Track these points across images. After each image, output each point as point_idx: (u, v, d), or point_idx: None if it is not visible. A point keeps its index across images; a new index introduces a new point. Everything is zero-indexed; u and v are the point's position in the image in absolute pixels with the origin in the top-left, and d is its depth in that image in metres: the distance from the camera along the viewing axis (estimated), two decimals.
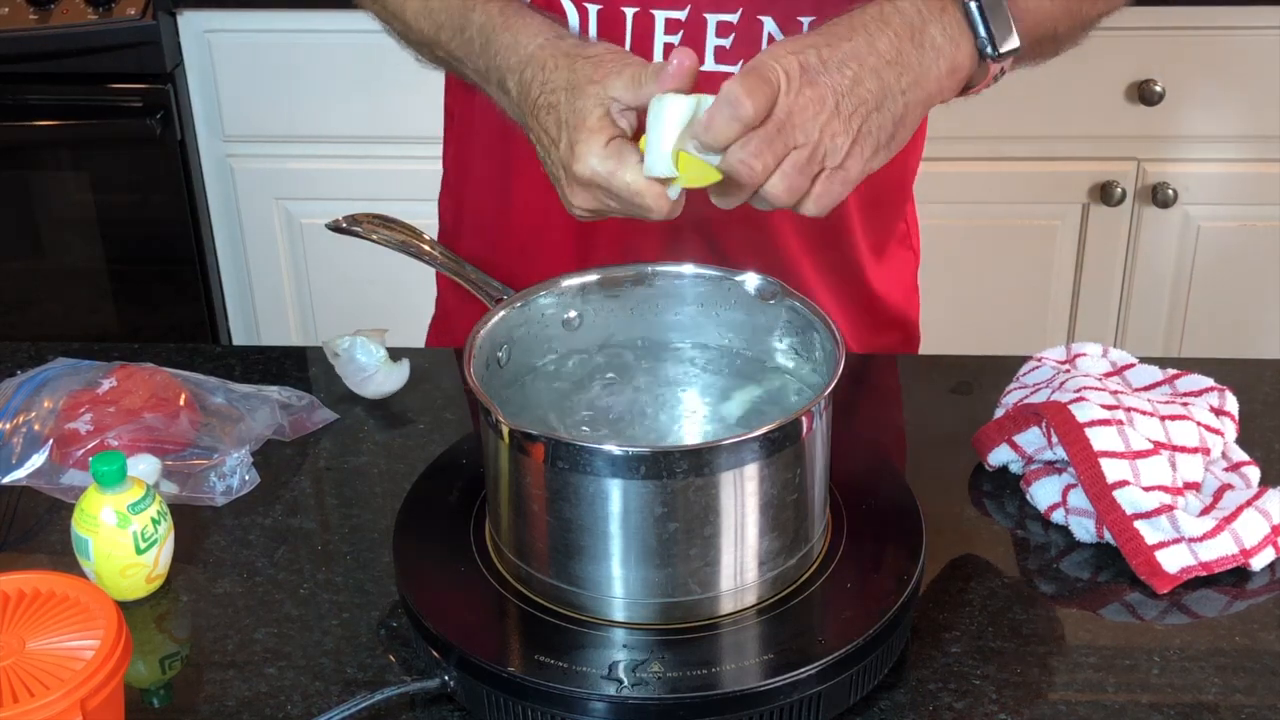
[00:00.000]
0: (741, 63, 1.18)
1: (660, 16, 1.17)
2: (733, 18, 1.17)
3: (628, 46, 1.18)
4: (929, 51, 1.00)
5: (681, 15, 1.17)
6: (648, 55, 1.18)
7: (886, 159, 1.01)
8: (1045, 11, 1.10)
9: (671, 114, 0.96)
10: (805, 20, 1.17)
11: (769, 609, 0.96)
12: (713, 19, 1.17)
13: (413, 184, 1.86)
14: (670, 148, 0.96)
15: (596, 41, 1.07)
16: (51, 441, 1.19)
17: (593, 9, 1.17)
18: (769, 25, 1.17)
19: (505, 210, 1.32)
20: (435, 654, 0.95)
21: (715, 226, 1.21)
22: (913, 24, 1.00)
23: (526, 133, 1.08)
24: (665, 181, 0.98)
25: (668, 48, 1.18)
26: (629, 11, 1.17)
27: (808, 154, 0.96)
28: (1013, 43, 1.03)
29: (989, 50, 1.02)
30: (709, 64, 1.18)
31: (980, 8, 1.02)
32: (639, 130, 1.00)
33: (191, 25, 2.27)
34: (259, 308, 2.49)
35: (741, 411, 1.09)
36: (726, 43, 1.18)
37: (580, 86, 1.01)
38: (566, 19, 1.18)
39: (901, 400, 1.35)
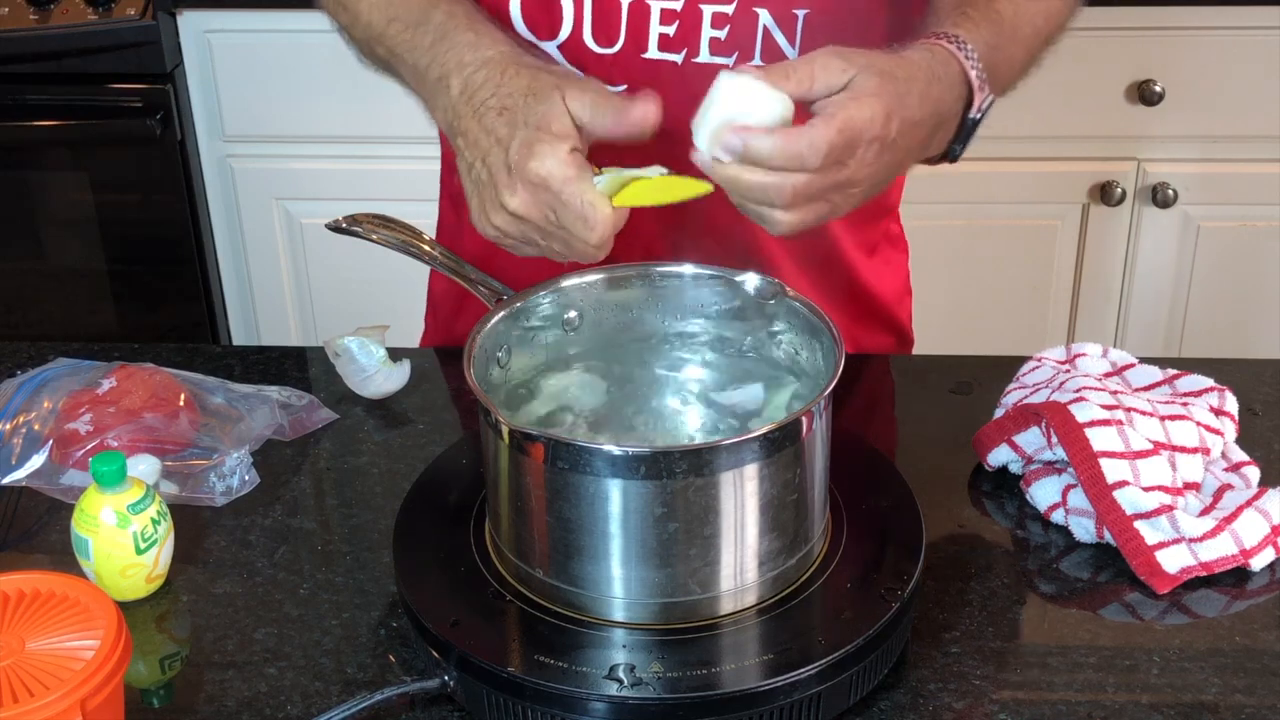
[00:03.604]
0: (736, 56, 1.18)
1: (656, 7, 1.17)
2: (728, 9, 1.17)
3: (622, 37, 1.18)
4: (929, 149, 1.06)
5: (677, 6, 1.17)
6: (643, 46, 1.18)
7: None
8: (1015, 75, 1.14)
9: (726, 96, 0.96)
10: (800, 13, 1.17)
11: (769, 609, 0.96)
12: (708, 10, 1.17)
13: (413, 184, 1.86)
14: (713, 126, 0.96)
15: (559, 66, 1.07)
16: (51, 441, 1.19)
17: (588, 0, 1.17)
18: (764, 17, 1.17)
19: None
20: (435, 654, 0.95)
21: (704, 225, 1.21)
22: (941, 119, 1.04)
23: (453, 137, 1.05)
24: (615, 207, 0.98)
25: (662, 38, 1.18)
26: (624, 2, 1.17)
27: (829, 209, 0.99)
28: (964, 153, 1.09)
29: (949, 159, 1.09)
30: (704, 56, 1.18)
31: (972, 130, 1.07)
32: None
33: (191, 25, 2.27)
34: (259, 308, 2.49)
35: (741, 412, 1.09)
36: (721, 34, 1.17)
37: (544, 93, 1.01)
38: (561, 10, 1.18)
39: (901, 400, 1.35)
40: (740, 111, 0.95)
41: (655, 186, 0.97)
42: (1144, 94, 2.23)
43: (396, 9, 1.14)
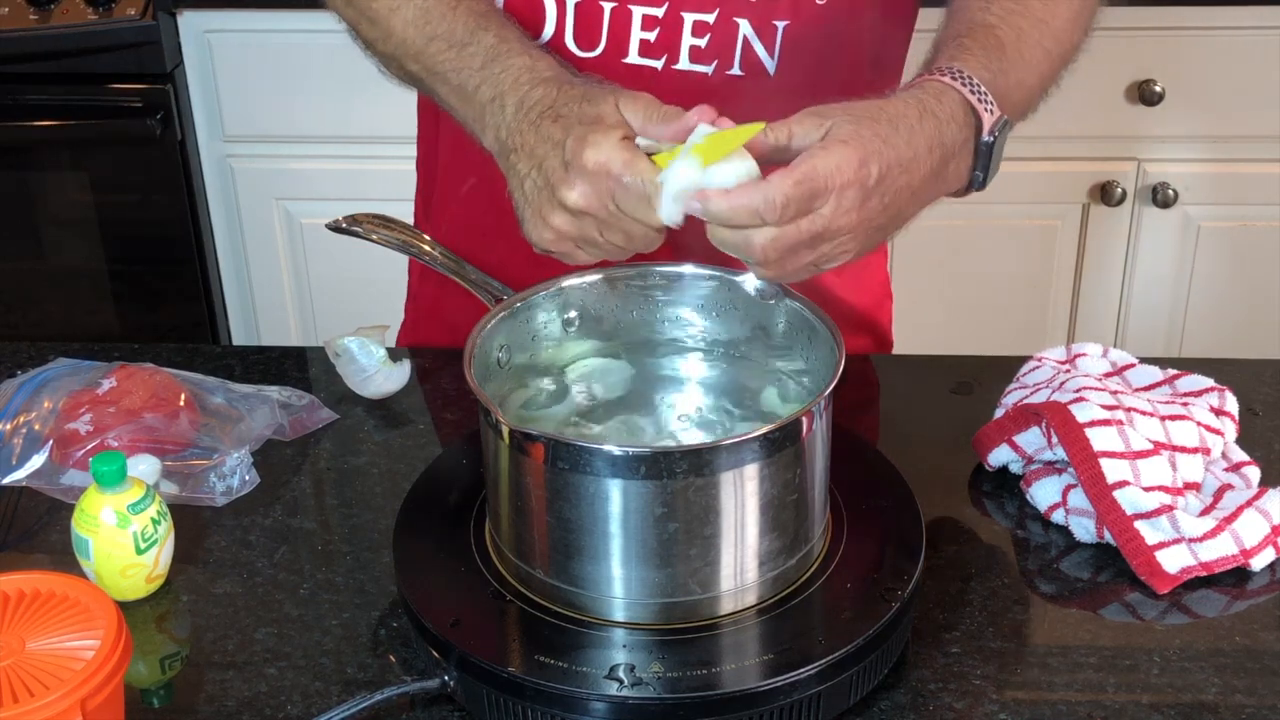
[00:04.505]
0: (715, 64, 1.18)
1: (638, 12, 1.17)
2: (709, 18, 1.17)
3: (603, 41, 1.18)
4: (945, 181, 1.05)
5: (659, 12, 1.17)
6: (623, 51, 1.18)
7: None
8: (1029, 97, 1.14)
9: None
10: (779, 24, 1.17)
11: (769, 609, 0.96)
12: (689, 18, 1.17)
13: (412, 184, 1.86)
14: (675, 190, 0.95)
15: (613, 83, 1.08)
16: (51, 442, 1.19)
17: (570, 3, 1.17)
18: (744, 27, 1.17)
19: (504, 213, 1.31)
20: (435, 654, 0.95)
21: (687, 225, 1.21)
22: (947, 151, 1.02)
23: (505, 154, 1.05)
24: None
25: (643, 44, 1.18)
26: (607, 7, 1.17)
27: (813, 258, 0.97)
28: (990, 181, 1.08)
29: (975, 187, 1.08)
30: (684, 63, 1.18)
31: (989, 154, 1.06)
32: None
33: (191, 25, 2.27)
34: (259, 308, 2.49)
35: (741, 412, 1.09)
36: (702, 43, 1.18)
37: (598, 97, 1.01)
38: (544, 13, 1.18)
39: (901, 401, 1.35)
40: (701, 177, 0.95)
41: (705, 149, 0.95)
42: (1144, 94, 2.23)
43: (437, 28, 1.12)
